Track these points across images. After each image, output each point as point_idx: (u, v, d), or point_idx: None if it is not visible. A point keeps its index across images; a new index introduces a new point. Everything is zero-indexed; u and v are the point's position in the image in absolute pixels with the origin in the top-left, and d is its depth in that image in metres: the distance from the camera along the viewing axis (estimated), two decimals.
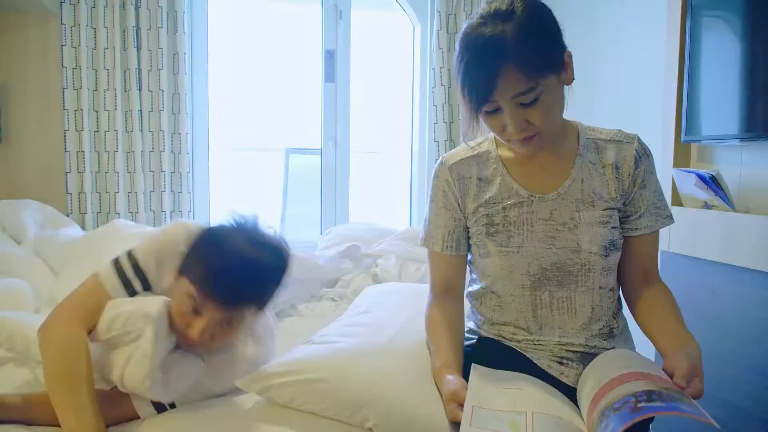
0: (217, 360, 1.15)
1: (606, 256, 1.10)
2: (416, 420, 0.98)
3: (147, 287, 1.12)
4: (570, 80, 1.06)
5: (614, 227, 1.11)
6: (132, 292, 1.11)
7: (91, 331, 1.06)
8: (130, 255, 1.12)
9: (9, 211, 2.16)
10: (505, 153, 1.17)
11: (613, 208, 1.11)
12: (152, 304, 1.06)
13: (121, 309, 1.06)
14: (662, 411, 0.80)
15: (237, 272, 1.04)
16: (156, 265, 1.11)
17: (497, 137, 1.11)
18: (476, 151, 1.18)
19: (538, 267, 1.10)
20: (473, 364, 1.08)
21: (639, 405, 0.81)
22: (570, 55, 1.05)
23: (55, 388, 0.99)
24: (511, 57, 0.95)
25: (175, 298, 1.07)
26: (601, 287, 1.12)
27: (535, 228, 1.11)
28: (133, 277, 1.10)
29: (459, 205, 1.17)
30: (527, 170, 1.14)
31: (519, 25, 0.97)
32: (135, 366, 1.03)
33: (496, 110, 1.02)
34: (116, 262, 1.11)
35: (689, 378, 0.90)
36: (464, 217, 1.18)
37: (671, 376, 0.92)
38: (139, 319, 1.05)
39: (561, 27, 1.05)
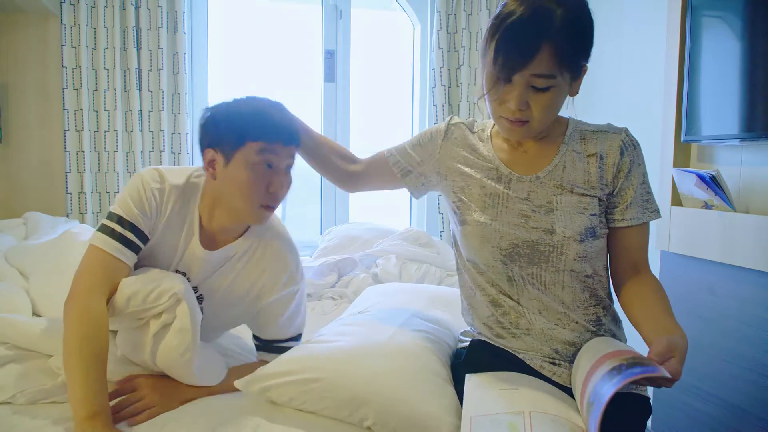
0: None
1: (581, 241, 1.09)
2: (414, 417, 0.98)
3: (142, 236, 1.15)
4: (574, 92, 1.08)
5: (593, 214, 1.10)
6: (134, 247, 1.14)
7: (109, 298, 1.10)
8: (110, 215, 1.14)
9: None
10: (497, 138, 1.21)
11: (593, 196, 1.11)
12: (173, 281, 1.11)
13: (138, 287, 1.10)
14: (617, 387, 0.81)
15: (274, 111, 1.17)
16: (140, 212, 1.14)
17: (490, 112, 1.11)
18: (475, 128, 1.25)
19: (510, 242, 1.11)
20: (467, 375, 1.08)
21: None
22: (586, 69, 1.07)
23: (70, 360, 1.02)
24: (554, 37, 0.98)
25: (240, 175, 1.14)
26: (573, 270, 1.11)
27: (510, 204, 1.12)
28: (125, 231, 1.13)
29: (435, 156, 1.24)
30: (512, 155, 1.17)
31: (567, 9, 0.99)
32: (172, 339, 1.10)
33: (506, 81, 1.03)
34: (102, 227, 1.13)
35: (665, 356, 0.88)
36: (437, 172, 1.24)
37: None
38: (161, 296, 1.10)
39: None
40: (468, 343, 1.20)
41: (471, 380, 1.05)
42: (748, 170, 1.77)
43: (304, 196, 3.26)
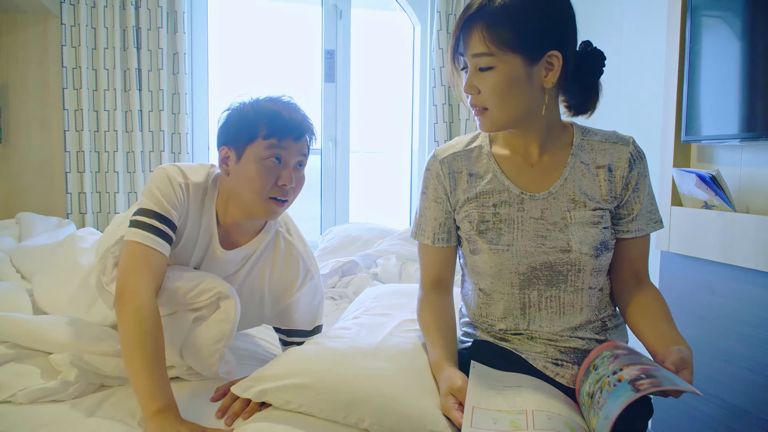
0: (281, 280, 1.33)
1: (597, 256, 1.10)
2: (411, 414, 0.98)
3: (174, 228, 1.18)
4: (548, 83, 1.06)
5: (605, 228, 1.11)
6: (169, 239, 1.16)
7: (157, 290, 1.13)
8: (142, 210, 1.16)
9: None
10: (498, 149, 1.18)
11: (604, 209, 1.11)
12: (214, 281, 1.18)
13: (180, 283, 1.15)
14: (660, 387, 0.82)
15: (286, 109, 1.20)
16: (170, 205, 1.17)
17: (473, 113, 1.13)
18: (469, 146, 1.19)
19: (528, 266, 1.10)
20: (473, 362, 1.08)
21: (638, 383, 0.84)
22: (558, 59, 1.04)
23: (133, 358, 1.03)
24: (484, 18, 1.03)
25: (250, 169, 1.17)
26: (590, 287, 1.12)
27: (525, 226, 1.11)
28: (160, 224, 1.15)
29: (449, 199, 1.18)
30: (519, 168, 1.15)
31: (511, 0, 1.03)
32: (211, 328, 1.15)
33: (465, 69, 1.08)
34: (136, 222, 1.14)
35: (679, 367, 0.91)
36: (453, 210, 1.19)
37: (661, 365, 0.93)
38: (201, 294, 1.15)
39: (571, 31, 1.08)
40: (470, 344, 1.20)
41: (476, 368, 1.06)
42: (748, 170, 1.77)
43: (304, 196, 3.27)
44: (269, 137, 1.16)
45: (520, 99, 1.06)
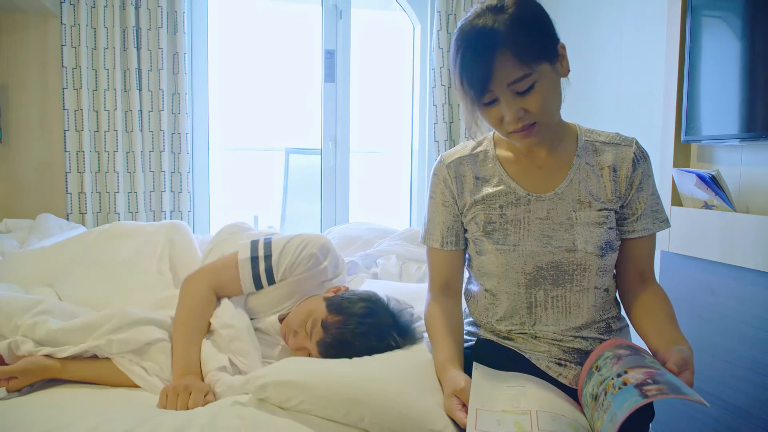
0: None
1: (602, 256, 1.10)
2: (411, 414, 0.98)
3: (271, 281, 1.37)
4: (565, 72, 1.08)
5: (611, 228, 1.11)
6: (259, 285, 1.37)
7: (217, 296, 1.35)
8: (267, 246, 1.34)
9: None
10: (503, 152, 1.18)
11: (609, 209, 1.12)
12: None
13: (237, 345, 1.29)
14: (668, 396, 0.81)
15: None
16: (283, 273, 1.36)
17: (498, 133, 1.11)
18: (475, 150, 1.20)
19: (534, 266, 1.11)
20: (475, 363, 1.09)
21: (645, 389, 0.83)
22: (564, 47, 1.07)
23: (179, 328, 1.27)
24: (505, 44, 0.98)
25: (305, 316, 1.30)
26: (596, 287, 1.12)
27: (531, 227, 1.11)
28: (262, 273, 1.36)
29: (456, 202, 1.18)
30: (525, 170, 1.15)
31: (511, 15, 1.00)
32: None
33: (493, 101, 1.03)
34: (254, 260, 1.35)
35: (680, 368, 0.91)
36: (461, 213, 1.19)
37: (663, 365, 0.93)
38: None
39: (554, 21, 1.07)
40: (473, 342, 1.21)
41: (478, 369, 1.06)
42: (748, 170, 1.77)
43: (304, 196, 3.27)
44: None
45: (556, 101, 1.08)
